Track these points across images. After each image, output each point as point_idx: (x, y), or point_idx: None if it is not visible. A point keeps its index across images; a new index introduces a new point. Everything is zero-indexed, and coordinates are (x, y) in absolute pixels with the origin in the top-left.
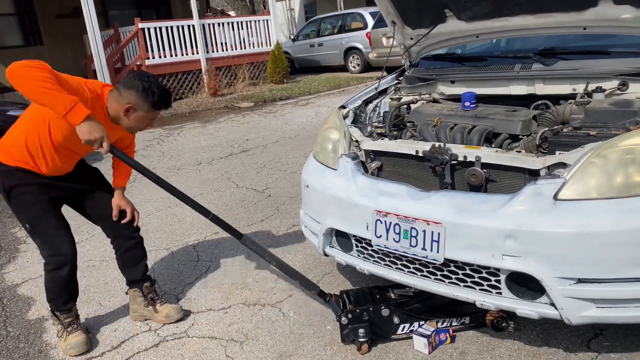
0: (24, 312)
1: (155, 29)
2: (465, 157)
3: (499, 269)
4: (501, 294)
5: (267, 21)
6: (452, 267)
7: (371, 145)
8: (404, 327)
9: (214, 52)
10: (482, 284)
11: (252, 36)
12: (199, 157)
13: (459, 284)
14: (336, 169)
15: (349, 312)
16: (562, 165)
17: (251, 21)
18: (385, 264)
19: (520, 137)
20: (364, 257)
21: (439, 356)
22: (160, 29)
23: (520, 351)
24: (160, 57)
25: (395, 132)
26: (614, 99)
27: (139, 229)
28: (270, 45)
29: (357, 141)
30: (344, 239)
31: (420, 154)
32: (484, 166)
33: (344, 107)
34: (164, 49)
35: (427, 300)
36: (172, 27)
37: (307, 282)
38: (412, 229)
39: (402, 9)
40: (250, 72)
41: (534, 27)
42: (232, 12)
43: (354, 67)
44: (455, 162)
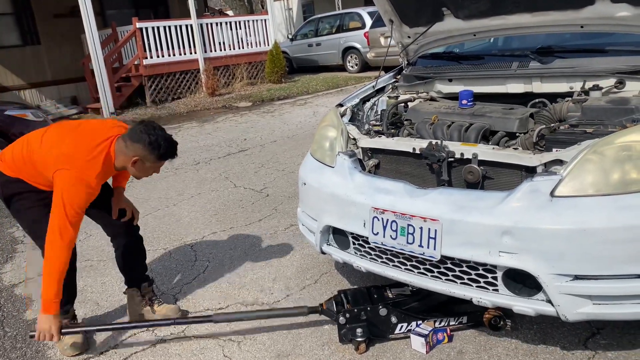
0: (21, 312)
1: (153, 28)
2: (462, 154)
3: (495, 266)
4: (498, 291)
5: (265, 21)
6: (449, 264)
7: (368, 142)
8: (401, 326)
9: (212, 51)
10: (479, 281)
11: (250, 36)
12: (197, 156)
13: (456, 281)
14: (333, 167)
15: (347, 311)
16: (559, 162)
17: (249, 21)
18: (382, 262)
19: (517, 134)
20: (361, 254)
21: (436, 355)
22: (158, 28)
23: (517, 350)
24: (158, 56)
25: (392, 130)
26: (611, 96)
27: (138, 228)
28: (268, 44)
29: (354, 139)
30: (341, 237)
31: (417, 152)
32: (481, 163)
33: (342, 105)
34: (162, 49)
35: (425, 299)
36: (170, 27)
37: (294, 310)
38: (409, 226)
39: (400, 7)
40: (248, 71)
41: (531, 26)
42: (230, 12)
43: (352, 67)
44: (452, 159)
